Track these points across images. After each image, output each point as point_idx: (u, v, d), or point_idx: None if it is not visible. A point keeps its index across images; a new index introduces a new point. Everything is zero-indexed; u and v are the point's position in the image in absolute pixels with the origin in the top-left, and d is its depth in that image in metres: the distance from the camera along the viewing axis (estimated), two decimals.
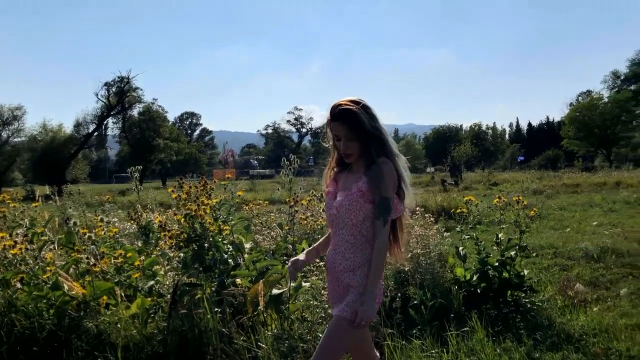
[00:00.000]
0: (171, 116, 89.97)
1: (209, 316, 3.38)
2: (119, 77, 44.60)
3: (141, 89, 48.58)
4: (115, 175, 70.74)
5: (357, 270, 2.37)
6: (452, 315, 4.41)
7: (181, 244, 3.90)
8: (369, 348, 2.64)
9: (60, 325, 3.63)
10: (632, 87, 64.94)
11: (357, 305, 2.29)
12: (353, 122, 2.34)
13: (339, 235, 2.43)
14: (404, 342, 3.80)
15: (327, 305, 3.93)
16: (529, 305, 4.74)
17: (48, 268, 3.84)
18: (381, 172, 2.35)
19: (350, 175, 2.49)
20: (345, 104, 2.35)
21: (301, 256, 2.63)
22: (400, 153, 2.47)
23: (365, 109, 2.37)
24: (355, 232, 2.39)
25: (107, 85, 44.84)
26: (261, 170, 77.39)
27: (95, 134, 48.12)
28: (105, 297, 3.89)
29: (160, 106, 53.43)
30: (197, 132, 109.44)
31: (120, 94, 45.15)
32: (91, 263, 3.74)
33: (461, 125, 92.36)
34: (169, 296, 3.69)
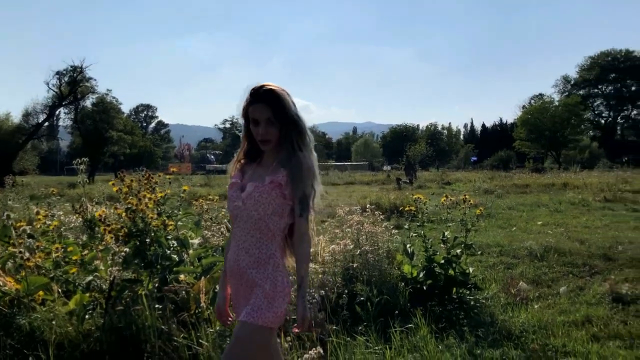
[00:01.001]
0: (126, 108, 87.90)
1: (147, 313, 3.29)
2: (71, 66, 43.08)
3: (94, 79, 47.00)
4: (67, 167, 68.68)
5: (261, 267, 2.21)
6: (398, 312, 4.45)
7: (126, 239, 3.80)
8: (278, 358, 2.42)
9: None
10: (581, 92, 67.61)
11: (303, 310, 2.23)
12: (278, 104, 2.20)
13: (243, 230, 2.25)
14: (348, 338, 3.81)
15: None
16: (472, 303, 4.84)
17: None
18: (302, 166, 2.22)
19: (260, 168, 2.32)
20: (270, 85, 2.22)
21: (220, 298, 2.43)
22: (313, 149, 2.33)
23: (289, 95, 2.25)
24: (261, 226, 2.23)
25: (59, 74, 43.20)
26: (218, 165, 76.52)
27: (46, 124, 46.47)
28: (41, 293, 3.74)
29: (114, 97, 51.90)
30: (153, 125, 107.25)
31: (72, 84, 43.63)
32: (24, 257, 3.58)
33: (418, 125, 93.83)
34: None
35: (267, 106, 2.19)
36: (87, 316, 3.52)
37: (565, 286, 5.54)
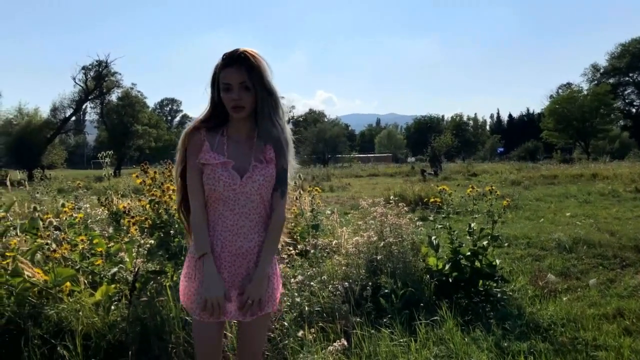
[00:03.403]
0: (151, 102, 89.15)
1: (172, 304, 3.31)
2: (97, 61, 43.88)
3: (120, 74, 47.72)
4: (94, 161, 69.81)
5: (260, 252, 2.12)
6: (423, 304, 4.40)
7: (150, 230, 3.82)
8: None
9: (20, 312, 3.53)
10: (611, 81, 66.01)
11: (245, 283, 2.08)
12: (254, 67, 2.02)
13: (239, 214, 2.09)
14: (373, 330, 3.78)
15: (296, 294, 3.89)
16: (499, 295, 4.75)
17: (7, 254, 3.72)
18: (286, 139, 2.12)
19: (238, 144, 2.14)
20: (247, 49, 2.04)
21: (221, 286, 2.06)
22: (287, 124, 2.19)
23: (267, 63, 2.07)
24: (261, 210, 2.12)
25: (85, 69, 44.10)
26: None
27: (73, 118, 47.47)
28: (69, 284, 3.79)
29: (139, 91, 52.61)
30: (178, 118, 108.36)
31: (98, 79, 44.43)
32: (51, 249, 3.63)
33: (443, 116, 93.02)
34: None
35: (242, 69, 2.02)
36: (112, 307, 3.55)
37: (595, 278, 5.42)
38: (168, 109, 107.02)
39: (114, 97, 48.87)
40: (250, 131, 2.15)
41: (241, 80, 2.01)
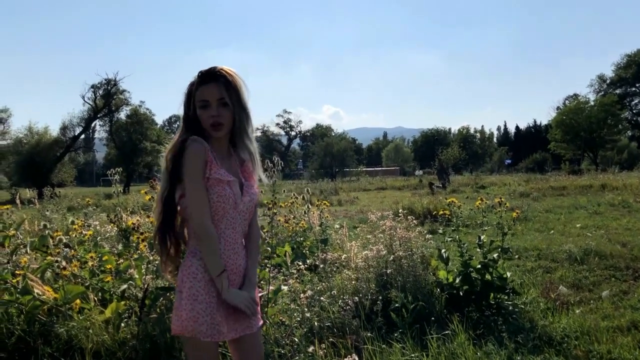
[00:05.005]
0: (159, 119, 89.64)
1: None
2: (105, 80, 44.26)
3: (128, 92, 47.98)
4: (103, 178, 70.22)
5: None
6: (434, 318, 4.36)
7: None
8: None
9: (30, 330, 3.53)
10: (618, 91, 65.82)
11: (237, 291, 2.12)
12: (231, 84, 2.04)
13: (237, 232, 2.13)
14: (384, 345, 3.75)
15: (305, 309, 3.87)
16: (511, 308, 4.71)
17: (17, 272, 3.74)
18: (257, 156, 2.23)
19: (221, 161, 2.12)
20: (223, 67, 2.06)
21: (234, 289, 2.11)
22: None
23: (243, 80, 2.11)
24: (246, 226, 2.18)
25: (94, 87, 44.47)
26: None
27: (82, 137, 47.83)
28: (78, 302, 3.79)
29: (147, 109, 52.72)
30: None
31: (107, 97, 44.79)
32: (61, 266, 3.64)
33: (450, 129, 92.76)
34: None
35: (219, 86, 2.02)
36: (122, 324, 3.55)
37: (607, 290, 5.36)
38: (176, 125, 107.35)
39: (122, 114, 49.14)
40: (228, 148, 2.19)
41: (219, 96, 2.02)
